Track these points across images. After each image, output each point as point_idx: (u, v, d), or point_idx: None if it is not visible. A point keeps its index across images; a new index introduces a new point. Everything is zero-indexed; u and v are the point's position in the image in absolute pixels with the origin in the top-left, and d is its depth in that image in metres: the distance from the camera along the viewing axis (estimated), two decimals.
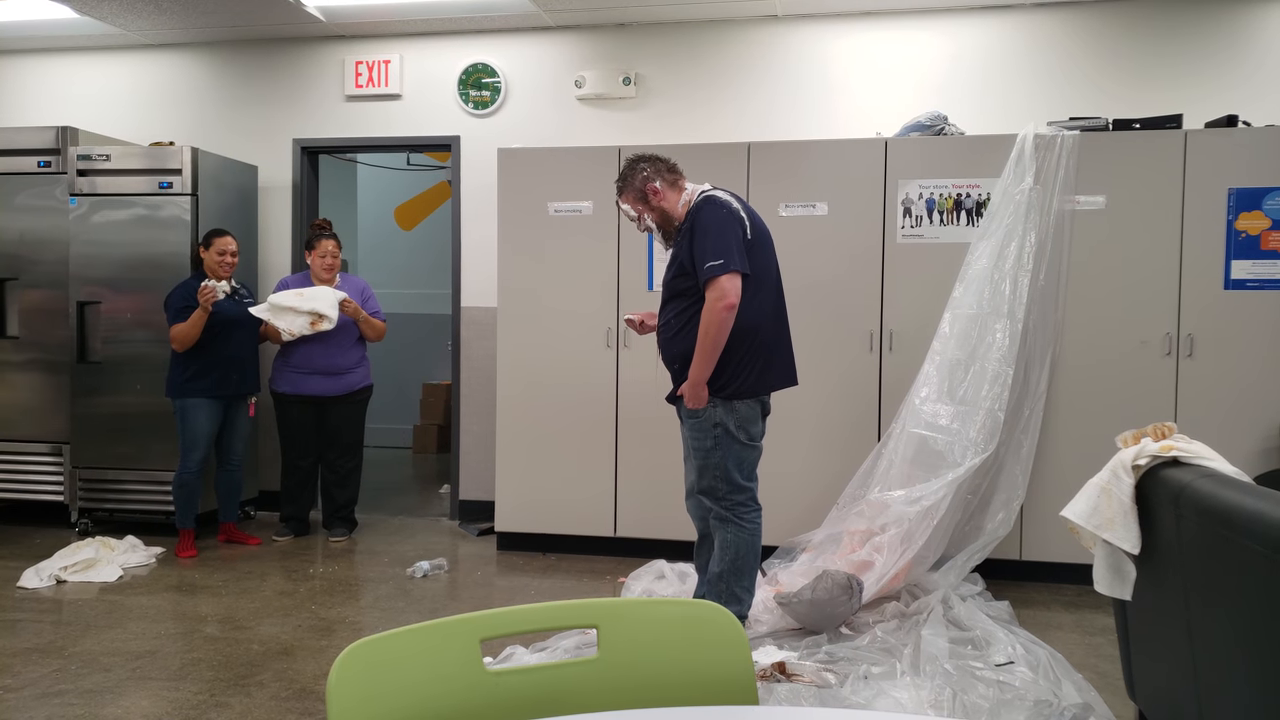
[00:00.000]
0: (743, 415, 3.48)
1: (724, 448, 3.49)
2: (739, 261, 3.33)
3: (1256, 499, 2.05)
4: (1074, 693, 3.08)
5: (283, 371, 5.30)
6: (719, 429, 3.47)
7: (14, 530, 5.58)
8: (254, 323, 5.19)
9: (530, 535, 5.11)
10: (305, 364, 5.25)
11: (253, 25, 5.86)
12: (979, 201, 4.57)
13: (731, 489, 3.53)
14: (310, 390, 5.29)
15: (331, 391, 5.33)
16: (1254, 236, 4.38)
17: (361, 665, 1.14)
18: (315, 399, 5.31)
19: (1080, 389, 4.50)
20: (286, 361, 5.28)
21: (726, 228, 3.37)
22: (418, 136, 5.99)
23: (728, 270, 3.30)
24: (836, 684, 3.19)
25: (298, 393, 5.29)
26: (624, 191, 3.63)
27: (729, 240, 3.34)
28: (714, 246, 3.33)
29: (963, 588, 4.15)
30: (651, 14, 5.52)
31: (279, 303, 5.12)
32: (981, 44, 5.31)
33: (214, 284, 4.95)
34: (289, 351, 5.26)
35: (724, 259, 3.31)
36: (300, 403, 5.31)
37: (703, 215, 3.42)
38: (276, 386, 5.33)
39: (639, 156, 3.64)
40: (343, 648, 1.32)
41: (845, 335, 4.70)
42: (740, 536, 3.54)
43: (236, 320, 5.12)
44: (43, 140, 5.60)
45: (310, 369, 5.26)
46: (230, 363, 5.09)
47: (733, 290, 3.31)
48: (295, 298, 5.13)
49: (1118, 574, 2.51)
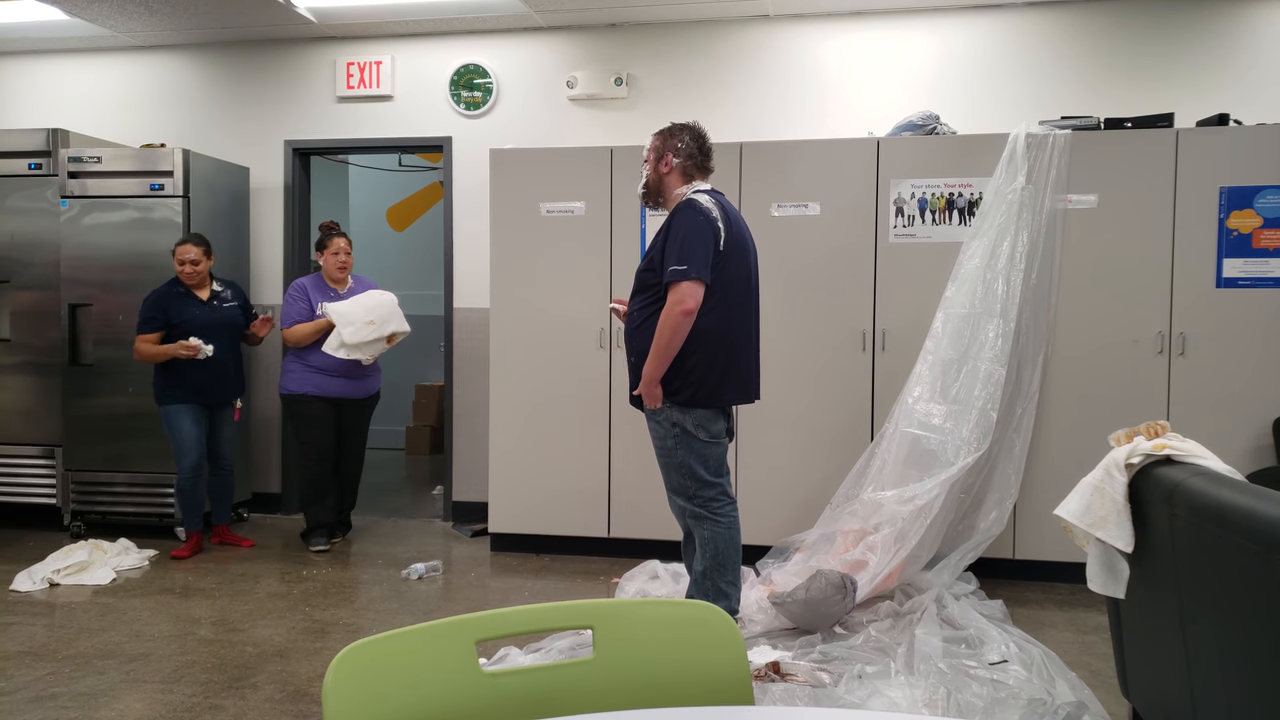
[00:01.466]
0: (700, 416, 3.51)
1: (685, 446, 3.52)
2: (702, 270, 3.38)
3: (1249, 497, 2.06)
4: (1068, 691, 3.09)
5: (300, 372, 5.12)
6: (677, 429, 3.51)
7: (6, 533, 5.56)
8: (236, 328, 5.12)
9: (524, 536, 5.10)
10: (329, 365, 5.07)
11: (244, 26, 5.85)
12: (971, 201, 4.58)
13: (700, 485, 3.55)
14: (333, 392, 5.13)
15: (353, 394, 5.21)
16: (1245, 235, 4.39)
17: (357, 667, 1.14)
18: (334, 401, 5.17)
19: (1073, 388, 4.51)
20: (305, 362, 5.11)
21: (698, 235, 3.40)
22: (409, 137, 5.98)
23: (689, 277, 3.35)
24: (831, 683, 3.19)
25: (321, 394, 5.12)
26: (657, 135, 3.66)
27: (697, 248, 3.39)
28: (681, 251, 3.38)
29: (956, 587, 4.16)
30: (643, 14, 5.52)
31: (353, 340, 4.93)
32: (973, 43, 5.32)
33: (199, 344, 4.86)
34: (307, 353, 5.11)
35: (688, 265, 3.36)
36: (321, 404, 5.13)
37: (679, 218, 3.46)
38: (294, 387, 5.14)
39: (695, 131, 3.64)
40: (337, 650, 1.32)
41: (837, 335, 4.71)
42: (717, 532, 3.56)
43: (216, 327, 5.01)
44: (33, 142, 5.58)
45: (335, 370, 5.09)
46: (210, 369, 4.97)
47: (691, 297, 3.36)
48: (368, 327, 4.96)
49: (1111, 572, 2.52)
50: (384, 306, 5.07)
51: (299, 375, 5.12)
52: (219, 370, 5.02)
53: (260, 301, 6.11)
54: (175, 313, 4.94)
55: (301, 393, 5.12)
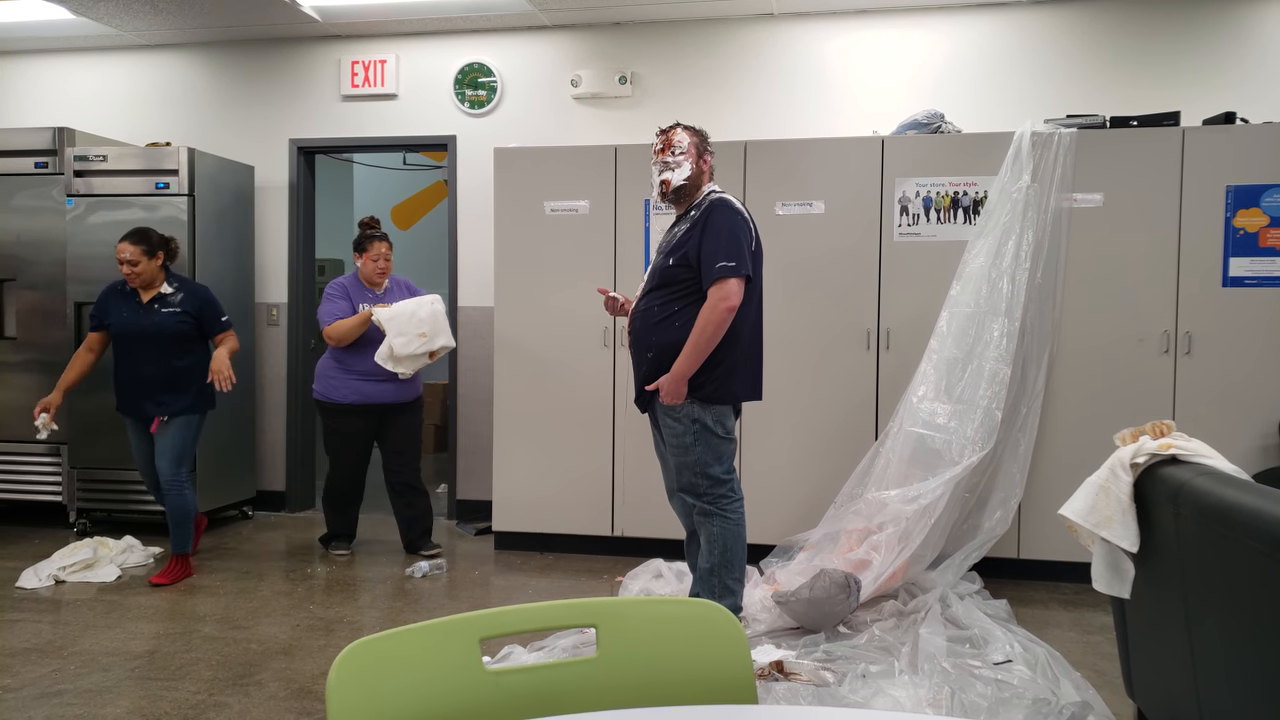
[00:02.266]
0: (719, 411, 3.55)
1: (703, 443, 3.54)
2: (748, 267, 3.43)
3: (1255, 497, 2.05)
4: (1072, 691, 3.09)
5: (340, 378, 4.86)
6: (697, 424, 3.52)
7: (12, 531, 5.58)
8: (170, 337, 4.50)
9: (528, 534, 5.11)
10: (373, 370, 4.80)
11: (249, 25, 5.85)
12: (976, 199, 4.57)
13: (712, 483, 3.57)
14: (380, 398, 4.88)
15: (401, 398, 4.95)
16: (1252, 234, 4.38)
17: (361, 665, 1.14)
18: (379, 408, 4.92)
19: (1078, 387, 4.50)
20: (346, 367, 4.86)
21: (739, 232, 3.45)
22: (414, 136, 5.98)
23: (738, 274, 3.39)
24: (834, 683, 3.19)
25: (367, 402, 4.87)
26: (691, 132, 3.62)
27: (741, 245, 3.43)
28: (727, 247, 3.40)
29: (960, 586, 4.15)
30: (647, 13, 5.52)
31: (404, 352, 4.70)
32: (978, 41, 5.31)
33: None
34: (350, 358, 4.86)
35: (736, 261, 3.39)
36: (364, 414, 4.90)
37: (718, 215, 3.47)
38: (336, 397, 4.86)
39: (703, 134, 3.69)
40: (341, 647, 1.32)
41: (842, 334, 4.70)
42: (726, 528, 3.57)
43: (141, 333, 4.50)
44: (39, 141, 5.59)
45: (380, 375, 4.82)
46: (134, 383, 4.50)
47: (736, 294, 3.39)
48: (419, 340, 4.73)
49: (1116, 572, 2.52)
50: (436, 319, 4.83)
51: (340, 382, 4.86)
52: (145, 383, 4.48)
53: (265, 300, 6.12)
54: (110, 311, 4.57)
55: (346, 403, 4.87)
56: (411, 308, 4.80)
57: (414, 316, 4.77)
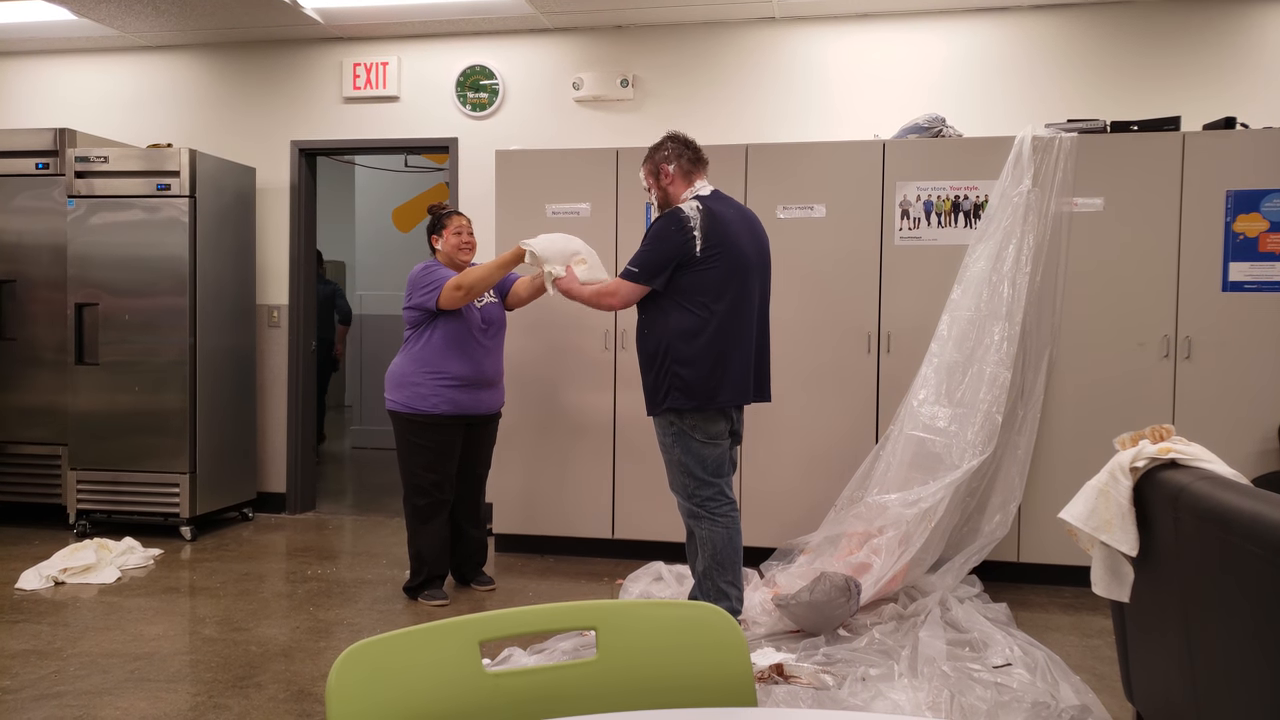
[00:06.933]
0: (695, 417, 3.57)
1: (681, 446, 3.60)
2: (650, 279, 3.52)
3: (1255, 501, 2.06)
4: (1072, 694, 3.09)
5: (431, 387, 4.12)
6: (674, 428, 3.60)
7: (12, 532, 5.57)
8: None
9: (528, 537, 5.11)
10: (465, 375, 4.14)
11: (250, 27, 5.86)
12: (977, 203, 4.57)
13: (697, 485, 3.61)
14: (471, 409, 4.20)
15: (489, 408, 4.32)
16: (1252, 239, 4.38)
17: (361, 667, 1.14)
18: (466, 419, 4.24)
19: (1078, 391, 4.51)
20: (438, 372, 4.12)
21: (667, 243, 3.50)
22: (415, 138, 5.99)
23: (637, 280, 3.53)
24: (834, 686, 3.19)
25: (459, 413, 4.17)
26: (645, 161, 3.76)
27: (660, 255, 3.50)
28: (643, 255, 3.55)
29: (960, 590, 4.15)
30: (649, 16, 5.52)
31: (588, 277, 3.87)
32: (979, 46, 5.31)
33: None
34: (439, 360, 4.13)
35: (640, 269, 3.52)
36: (454, 426, 4.19)
37: (657, 222, 3.59)
38: (425, 407, 4.13)
39: (672, 135, 3.74)
40: (341, 649, 1.32)
41: (843, 337, 4.71)
42: (715, 531, 3.61)
43: None
44: (40, 142, 5.60)
45: (479, 380, 4.19)
46: None
47: (622, 299, 3.59)
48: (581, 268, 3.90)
49: (1115, 576, 2.52)
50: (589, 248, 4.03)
51: (429, 391, 4.12)
52: None
53: (267, 302, 6.12)
54: None
55: (437, 414, 4.13)
56: (559, 237, 4.03)
57: (567, 243, 3.98)
